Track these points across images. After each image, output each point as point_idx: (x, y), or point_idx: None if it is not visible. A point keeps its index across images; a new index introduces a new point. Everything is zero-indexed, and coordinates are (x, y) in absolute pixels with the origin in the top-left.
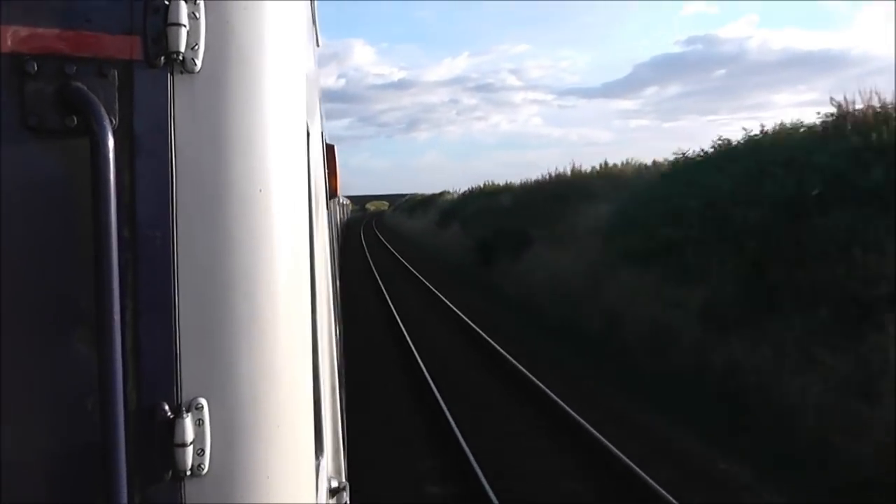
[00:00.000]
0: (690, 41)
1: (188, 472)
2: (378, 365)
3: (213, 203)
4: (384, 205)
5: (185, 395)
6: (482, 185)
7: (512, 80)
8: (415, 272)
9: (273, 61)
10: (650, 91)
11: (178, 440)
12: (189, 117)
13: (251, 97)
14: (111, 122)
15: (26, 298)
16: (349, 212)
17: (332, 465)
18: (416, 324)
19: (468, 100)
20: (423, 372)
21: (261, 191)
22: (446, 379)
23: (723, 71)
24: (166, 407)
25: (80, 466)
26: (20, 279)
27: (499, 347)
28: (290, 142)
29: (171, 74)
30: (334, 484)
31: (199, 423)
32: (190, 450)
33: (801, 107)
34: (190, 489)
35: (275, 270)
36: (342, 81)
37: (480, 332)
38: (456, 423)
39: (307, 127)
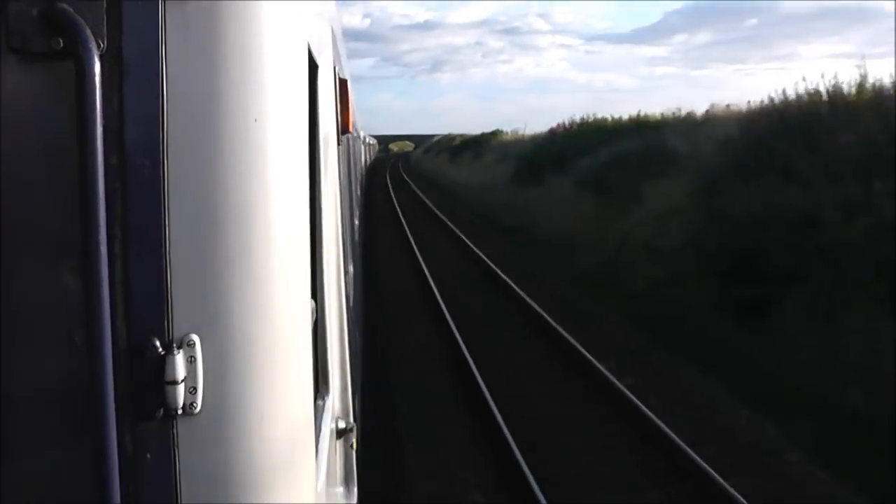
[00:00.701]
0: None
1: (180, 411)
2: None
3: (205, 131)
4: (409, 145)
5: (177, 331)
6: (579, 121)
7: (539, 24)
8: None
9: None
10: (679, 38)
11: (168, 377)
12: (181, 42)
13: (246, 21)
14: (98, 45)
15: (11, 227)
16: (374, 152)
17: (339, 405)
18: None
19: (494, 43)
20: None
21: (256, 120)
22: None
23: (754, 20)
24: (157, 343)
25: (69, 403)
26: (3, 207)
27: None
28: (288, 70)
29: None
30: (341, 425)
31: (191, 361)
32: (181, 388)
33: (834, 58)
34: (182, 428)
35: (270, 202)
36: (367, 21)
37: None
38: None
39: (313, 57)
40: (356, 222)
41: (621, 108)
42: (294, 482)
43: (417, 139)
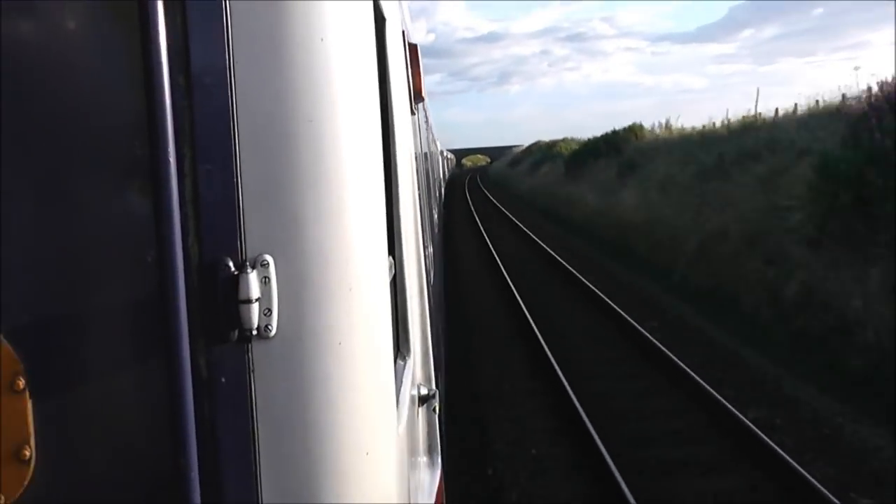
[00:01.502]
0: None
1: (254, 332)
2: None
3: (271, 50)
4: (483, 159)
5: (250, 251)
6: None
7: (604, 28)
8: None
9: None
10: (746, 33)
11: (242, 296)
12: None
13: None
14: None
15: (81, 148)
16: (451, 166)
17: (420, 371)
18: None
19: (560, 50)
20: None
21: (322, 40)
22: None
23: (821, 9)
24: (230, 262)
25: (142, 324)
26: (75, 128)
27: None
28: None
29: None
30: (423, 391)
31: (265, 281)
32: (255, 307)
33: None
34: (257, 351)
35: (339, 124)
36: (431, 36)
37: None
38: None
39: (380, 7)
40: (435, 219)
41: (694, 109)
42: (372, 411)
43: (491, 151)
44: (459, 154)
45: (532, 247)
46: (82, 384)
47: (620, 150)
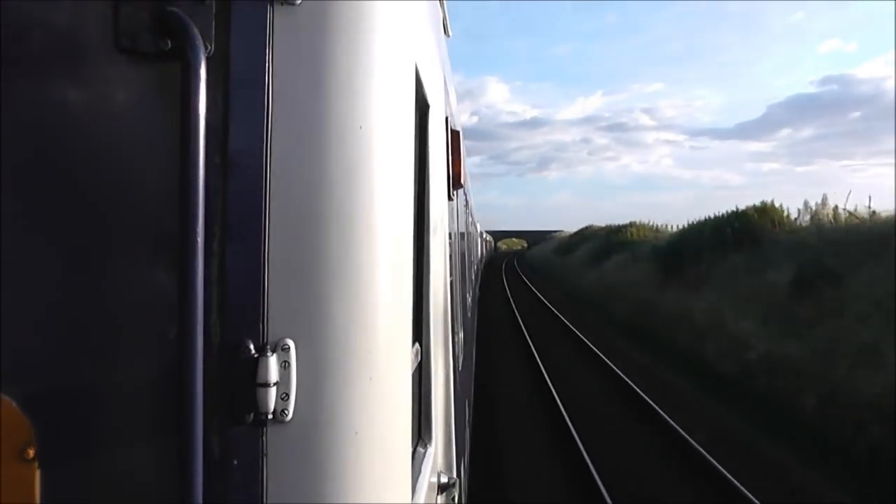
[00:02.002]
0: (826, 81)
1: (270, 416)
2: None
3: (309, 136)
4: (519, 242)
5: (272, 334)
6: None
7: (645, 120)
8: None
9: (380, 1)
10: (784, 133)
11: (260, 380)
12: (288, 48)
13: (354, 32)
14: (206, 47)
15: (112, 221)
16: (489, 248)
17: (442, 458)
18: None
19: (600, 139)
20: None
21: (361, 128)
22: None
23: (858, 113)
24: (251, 344)
25: (159, 401)
26: (107, 199)
27: None
28: (394, 82)
29: (271, 5)
30: (444, 479)
31: (284, 366)
32: (273, 391)
33: None
34: (272, 435)
35: (373, 212)
36: (475, 118)
37: None
38: None
39: (424, 93)
40: (468, 299)
41: (730, 205)
42: (385, 502)
43: (527, 235)
44: (495, 236)
45: (632, 410)
46: (93, 457)
47: (758, 240)
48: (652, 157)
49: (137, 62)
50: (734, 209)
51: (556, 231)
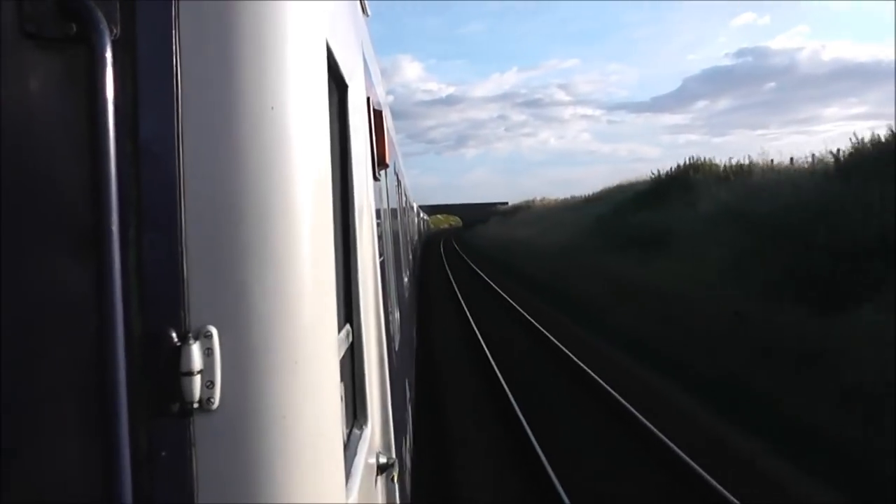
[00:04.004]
0: (741, 53)
1: (196, 405)
2: None
3: (220, 118)
4: (448, 220)
5: (194, 322)
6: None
7: (561, 96)
8: None
9: None
10: (700, 105)
11: (184, 368)
12: (194, 29)
13: (261, 12)
14: (112, 31)
15: (25, 213)
16: (426, 227)
17: (380, 438)
18: None
19: (517, 116)
20: None
21: (273, 108)
22: None
23: (773, 84)
24: (173, 333)
25: (81, 396)
26: (18, 192)
27: None
28: (306, 61)
29: None
30: (382, 460)
31: (208, 353)
32: (198, 380)
33: (852, 120)
34: (199, 424)
35: (291, 193)
36: (390, 98)
37: None
38: None
39: (341, 74)
40: (405, 280)
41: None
42: (318, 486)
43: (459, 210)
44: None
45: None
46: (16, 458)
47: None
48: (569, 132)
49: (43, 48)
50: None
51: (500, 202)
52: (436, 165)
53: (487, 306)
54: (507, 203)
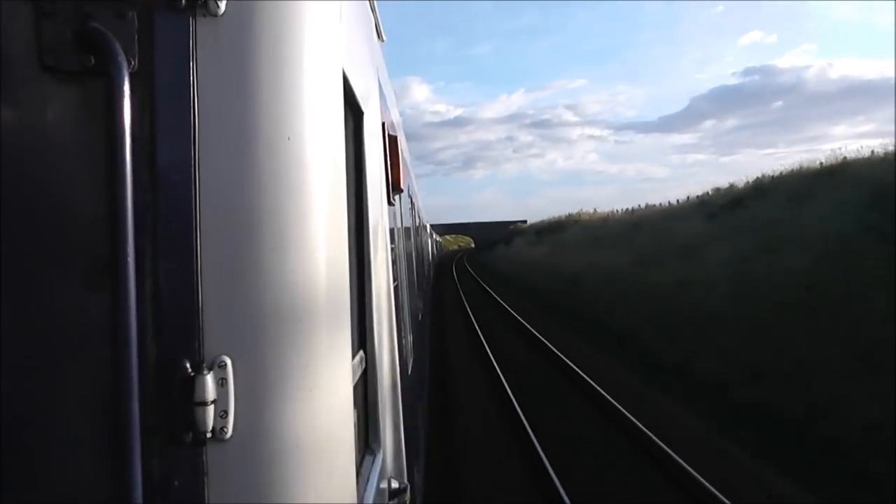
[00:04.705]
0: (748, 72)
1: (209, 435)
2: None
3: (237, 148)
4: (458, 241)
5: (208, 352)
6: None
7: (569, 116)
8: None
9: (304, 9)
10: (708, 124)
11: (198, 398)
12: (212, 60)
13: (278, 41)
14: (129, 63)
15: (40, 242)
16: (439, 248)
17: (392, 464)
18: None
19: (525, 136)
20: None
21: (289, 138)
22: None
23: (780, 102)
24: (187, 363)
25: (94, 425)
26: (36, 221)
27: None
28: (323, 89)
29: (194, 17)
30: (395, 485)
31: (222, 383)
32: (211, 410)
33: (860, 138)
34: (212, 454)
35: (307, 224)
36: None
37: None
38: None
39: (357, 101)
40: (419, 304)
41: (656, 198)
42: None
43: (468, 229)
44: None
45: None
46: (30, 485)
47: None
48: (577, 152)
49: (62, 80)
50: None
51: (514, 221)
52: (444, 187)
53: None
54: (525, 221)
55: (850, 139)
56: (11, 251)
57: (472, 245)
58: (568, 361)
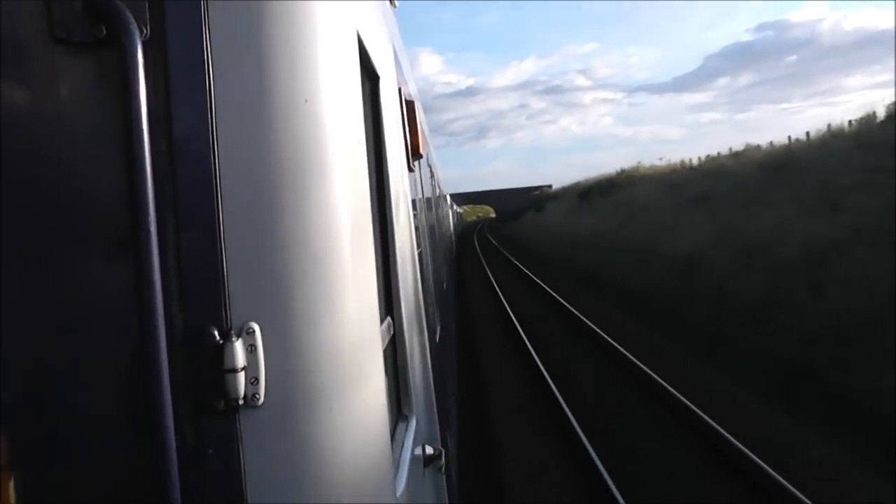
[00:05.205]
0: (761, 28)
1: (241, 402)
2: None
3: (254, 114)
4: (478, 210)
5: (235, 319)
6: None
7: (581, 81)
8: None
9: None
10: (722, 82)
11: (228, 366)
12: (225, 26)
13: (291, 5)
14: (142, 31)
15: (61, 215)
16: (454, 222)
17: (425, 429)
18: None
19: (537, 103)
20: None
21: (307, 101)
22: None
23: (794, 57)
24: (215, 331)
25: (126, 395)
26: (56, 196)
27: None
28: (338, 53)
29: None
30: (428, 450)
31: (251, 350)
32: (242, 376)
33: (875, 89)
34: (245, 421)
35: (328, 186)
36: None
37: None
38: None
39: (372, 64)
40: (444, 272)
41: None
42: (366, 479)
43: (488, 198)
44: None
45: None
46: (66, 458)
47: None
48: (590, 117)
49: (75, 52)
50: None
51: (539, 186)
52: (457, 158)
53: None
54: (550, 186)
55: (866, 90)
56: (33, 227)
57: (493, 215)
58: None
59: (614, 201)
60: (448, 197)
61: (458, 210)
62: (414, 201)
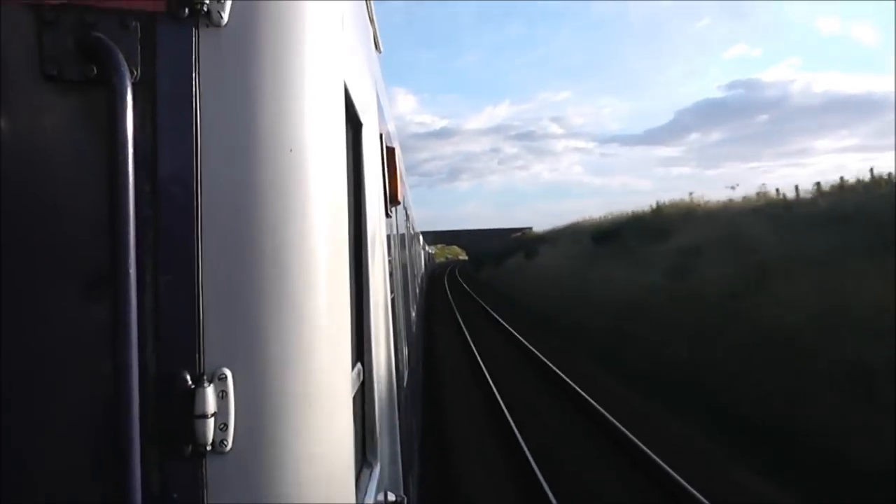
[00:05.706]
0: (732, 85)
1: (209, 448)
2: None
3: (239, 161)
4: (443, 253)
5: (208, 364)
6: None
7: (553, 128)
8: None
9: (307, 19)
10: (693, 137)
11: (198, 411)
12: (214, 71)
13: (280, 52)
14: (132, 73)
15: (41, 254)
16: (424, 263)
17: (388, 476)
18: None
19: (510, 148)
20: None
21: (291, 150)
22: None
23: (765, 116)
24: (187, 375)
25: (94, 437)
26: (36, 232)
27: None
28: (324, 101)
29: (196, 28)
30: (391, 498)
31: (222, 396)
32: (211, 422)
33: (843, 153)
34: (212, 467)
35: (308, 235)
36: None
37: None
38: None
39: (356, 112)
40: (413, 314)
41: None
42: None
43: (458, 237)
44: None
45: None
46: (30, 498)
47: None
48: (562, 164)
49: (64, 90)
50: None
51: (519, 228)
52: (429, 198)
53: None
54: (531, 228)
55: (836, 153)
56: (12, 261)
57: (464, 257)
58: None
59: (677, 247)
60: (421, 237)
61: (430, 251)
62: (389, 247)
